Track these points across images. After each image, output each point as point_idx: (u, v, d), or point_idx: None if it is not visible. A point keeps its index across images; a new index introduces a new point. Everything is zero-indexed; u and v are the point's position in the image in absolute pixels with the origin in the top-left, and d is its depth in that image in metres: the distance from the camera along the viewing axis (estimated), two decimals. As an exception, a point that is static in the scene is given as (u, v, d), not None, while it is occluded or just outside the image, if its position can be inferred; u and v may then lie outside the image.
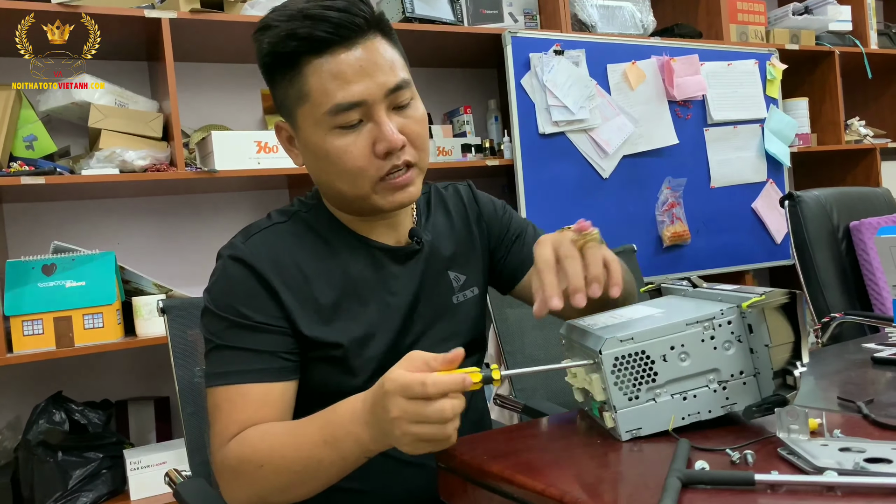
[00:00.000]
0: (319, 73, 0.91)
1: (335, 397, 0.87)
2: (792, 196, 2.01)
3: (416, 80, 1.00)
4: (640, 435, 0.78)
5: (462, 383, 0.74)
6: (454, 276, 1.08)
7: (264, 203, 2.59)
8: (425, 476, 1.00)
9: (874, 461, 0.63)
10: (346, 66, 0.90)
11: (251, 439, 0.89)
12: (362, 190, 0.95)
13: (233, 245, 0.98)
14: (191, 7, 2.10)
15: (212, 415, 0.94)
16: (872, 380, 1.02)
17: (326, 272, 0.99)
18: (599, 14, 2.79)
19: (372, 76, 0.91)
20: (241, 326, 0.94)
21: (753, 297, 0.76)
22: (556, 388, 1.65)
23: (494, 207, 1.16)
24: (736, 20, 3.16)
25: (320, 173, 0.98)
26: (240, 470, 0.89)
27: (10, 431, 2.18)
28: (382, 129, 0.92)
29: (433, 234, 1.07)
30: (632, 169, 2.71)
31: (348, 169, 0.93)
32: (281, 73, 0.94)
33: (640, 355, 0.77)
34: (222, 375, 0.93)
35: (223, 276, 0.97)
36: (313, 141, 0.94)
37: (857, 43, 3.42)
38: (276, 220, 1.02)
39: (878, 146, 3.42)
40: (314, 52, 0.91)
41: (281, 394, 0.94)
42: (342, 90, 0.90)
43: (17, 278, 1.98)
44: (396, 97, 0.93)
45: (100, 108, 2.07)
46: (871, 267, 1.98)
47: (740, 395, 0.79)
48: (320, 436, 0.84)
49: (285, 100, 0.96)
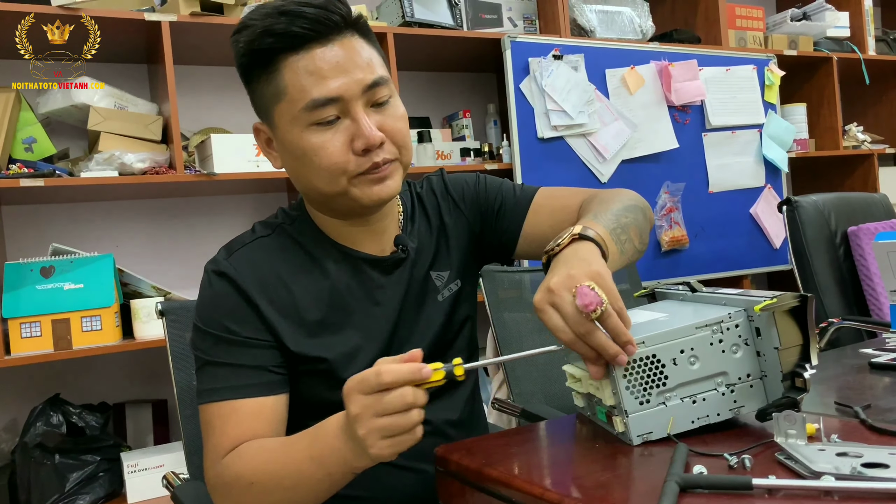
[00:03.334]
0: (296, 70, 0.90)
1: (328, 410, 0.87)
2: (790, 201, 2.02)
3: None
4: (651, 439, 0.78)
5: (419, 373, 0.74)
6: (436, 276, 1.06)
7: (263, 206, 2.59)
8: (422, 482, 1.00)
9: (871, 466, 0.63)
10: (323, 63, 0.90)
11: (245, 456, 0.89)
12: (339, 186, 0.93)
13: (216, 261, 0.98)
14: (191, 10, 2.11)
15: (205, 431, 0.94)
16: (870, 385, 1.02)
17: (311, 286, 0.98)
18: (598, 19, 2.80)
19: (349, 73, 0.90)
20: (228, 342, 0.93)
21: (764, 300, 0.76)
22: (555, 392, 1.65)
23: (468, 187, 1.12)
24: (734, 26, 3.17)
25: (298, 173, 0.96)
26: (231, 487, 0.88)
27: (8, 434, 2.17)
28: (360, 126, 0.91)
29: (419, 242, 1.06)
30: (630, 173, 2.71)
31: (325, 166, 0.92)
32: (258, 72, 0.93)
33: (652, 359, 0.78)
34: (213, 392, 0.93)
35: (208, 292, 0.96)
36: (290, 139, 0.93)
37: (856, 49, 3.43)
38: (260, 234, 1.01)
39: (875, 152, 3.43)
40: (291, 48, 0.90)
41: (273, 407, 0.93)
42: (318, 86, 0.89)
43: (16, 280, 1.98)
44: (374, 94, 0.93)
45: (99, 111, 2.08)
46: (869, 272, 1.99)
47: (747, 398, 0.80)
48: (308, 452, 0.84)
49: (262, 99, 0.95)
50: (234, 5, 2.20)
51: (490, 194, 1.11)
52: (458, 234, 1.09)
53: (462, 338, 1.09)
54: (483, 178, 1.14)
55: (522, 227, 1.08)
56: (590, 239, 0.86)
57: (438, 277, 1.06)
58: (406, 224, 1.06)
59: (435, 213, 1.09)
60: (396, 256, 1.02)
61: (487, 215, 1.11)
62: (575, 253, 0.84)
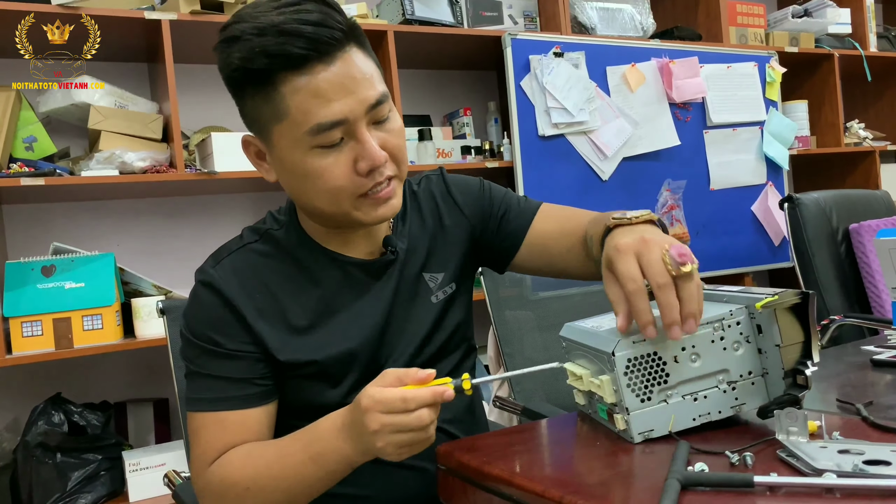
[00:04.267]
0: (298, 92, 0.86)
1: (317, 412, 0.88)
2: (791, 198, 2.01)
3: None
4: (653, 437, 0.78)
5: (442, 395, 0.79)
6: (429, 277, 1.05)
7: (263, 204, 2.59)
8: (422, 480, 1.00)
9: (873, 463, 0.63)
10: (326, 84, 0.85)
11: (235, 462, 0.90)
12: (342, 208, 0.92)
13: (203, 270, 0.97)
14: (191, 9, 2.11)
15: (191, 439, 0.95)
16: (871, 382, 1.02)
17: (298, 293, 0.97)
18: (599, 16, 2.80)
19: (353, 93, 0.87)
20: (213, 354, 0.94)
21: (766, 297, 0.76)
22: (556, 390, 1.65)
23: (471, 189, 1.11)
24: (735, 23, 3.16)
25: (298, 192, 0.94)
26: (225, 494, 0.89)
27: (9, 433, 2.18)
28: (366, 148, 0.88)
29: (409, 241, 1.05)
30: (631, 171, 2.71)
31: (328, 189, 0.89)
32: (253, 88, 0.89)
33: (653, 356, 0.77)
34: (199, 402, 0.94)
35: (195, 302, 0.97)
36: (291, 160, 0.90)
37: (857, 46, 3.43)
38: (248, 241, 1.00)
39: (877, 149, 3.42)
40: (290, 68, 0.85)
41: (258, 419, 0.94)
42: (324, 109, 0.86)
43: (17, 279, 1.98)
44: (377, 112, 0.90)
45: (99, 110, 2.08)
46: (871, 269, 1.98)
47: (749, 395, 0.80)
48: (306, 454, 0.86)
49: (258, 116, 0.91)
50: (235, 3, 2.20)
51: (495, 199, 1.11)
52: (457, 237, 1.08)
53: (455, 340, 1.08)
54: (488, 183, 1.14)
55: (528, 232, 1.08)
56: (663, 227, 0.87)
57: (432, 279, 1.05)
58: (397, 224, 1.05)
59: (433, 215, 1.08)
60: (385, 259, 1.01)
61: (490, 220, 1.10)
62: (655, 230, 0.84)
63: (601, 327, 0.85)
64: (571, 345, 0.89)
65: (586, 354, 0.84)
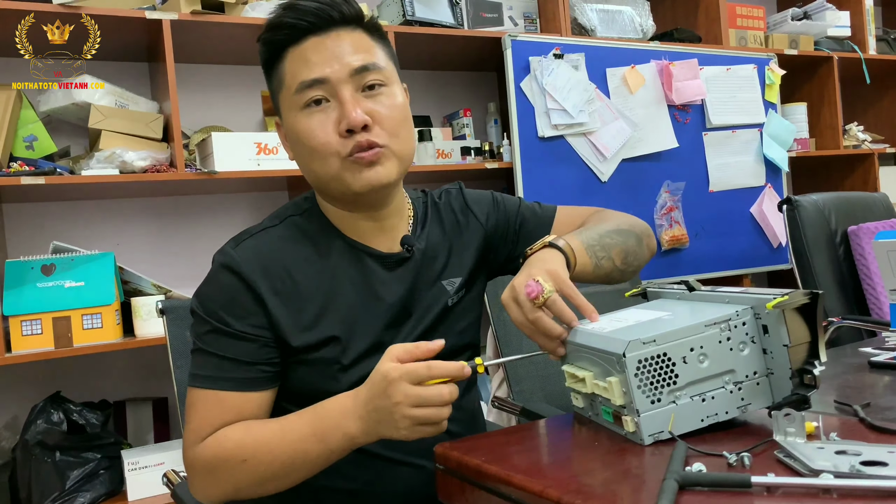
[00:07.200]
0: (293, 60, 0.96)
1: (318, 398, 0.90)
2: (790, 200, 2.02)
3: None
4: (661, 438, 0.78)
5: (462, 370, 0.83)
6: (447, 282, 1.08)
7: (264, 205, 2.59)
8: (420, 476, 1.00)
9: (870, 464, 0.63)
10: (314, 50, 0.95)
11: (232, 437, 0.91)
12: (332, 168, 0.96)
13: (223, 252, 0.99)
14: (192, 8, 2.11)
15: (188, 412, 0.96)
16: (869, 384, 1.02)
17: (314, 275, 0.99)
18: (599, 18, 2.80)
19: (337, 58, 0.95)
20: (222, 333, 0.95)
21: (774, 297, 0.77)
22: (554, 390, 1.65)
23: (487, 205, 1.15)
24: (735, 25, 3.16)
25: (300, 161, 1.01)
26: (218, 466, 0.91)
27: (8, 431, 2.18)
28: (344, 107, 0.94)
29: (427, 245, 1.07)
30: (630, 173, 2.71)
31: (315, 146, 0.96)
32: (270, 67, 1.00)
33: (663, 357, 0.78)
34: (201, 378, 0.95)
35: (212, 281, 0.98)
36: (290, 126, 0.99)
37: (856, 48, 3.43)
38: (268, 225, 1.03)
39: (876, 151, 3.43)
40: (294, 41, 0.96)
41: (257, 403, 0.96)
42: (306, 69, 0.95)
43: (17, 278, 1.98)
44: (363, 77, 0.96)
45: (100, 109, 2.08)
46: (869, 271, 1.99)
47: (754, 395, 0.80)
48: (309, 430, 0.88)
49: (274, 92, 1.01)
50: (235, 4, 2.20)
51: (510, 210, 1.16)
52: (475, 247, 1.12)
53: (463, 339, 1.10)
54: (500, 195, 1.19)
55: None
56: (559, 248, 0.96)
57: (450, 284, 1.08)
58: (416, 227, 1.08)
59: (453, 227, 1.11)
60: (401, 254, 1.04)
61: (508, 232, 1.15)
62: (540, 257, 0.95)
63: (605, 329, 0.85)
64: (576, 348, 0.88)
65: (590, 356, 0.85)
